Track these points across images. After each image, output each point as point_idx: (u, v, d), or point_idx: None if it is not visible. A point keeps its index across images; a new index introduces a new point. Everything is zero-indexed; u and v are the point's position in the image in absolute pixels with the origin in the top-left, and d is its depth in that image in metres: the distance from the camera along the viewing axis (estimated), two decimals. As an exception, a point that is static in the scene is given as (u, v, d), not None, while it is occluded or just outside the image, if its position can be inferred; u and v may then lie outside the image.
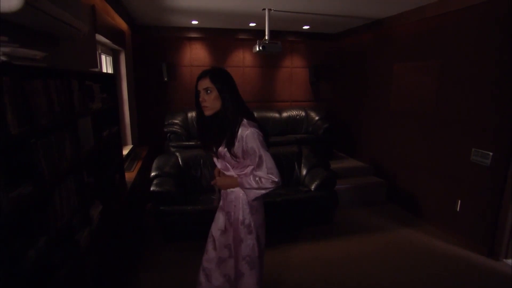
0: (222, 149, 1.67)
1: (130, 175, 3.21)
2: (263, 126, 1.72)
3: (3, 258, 0.99)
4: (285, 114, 5.59)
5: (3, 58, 0.91)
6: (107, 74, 2.93)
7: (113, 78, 2.78)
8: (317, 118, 5.50)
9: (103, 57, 3.57)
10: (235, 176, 1.74)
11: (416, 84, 3.90)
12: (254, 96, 5.80)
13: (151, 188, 3.17)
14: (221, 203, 1.89)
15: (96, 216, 2.06)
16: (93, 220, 1.98)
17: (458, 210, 3.34)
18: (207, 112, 1.62)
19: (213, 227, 1.91)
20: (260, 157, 1.59)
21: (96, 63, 2.95)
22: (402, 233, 3.52)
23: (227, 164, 1.75)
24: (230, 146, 1.62)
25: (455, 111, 3.35)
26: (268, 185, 1.63)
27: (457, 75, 3.32)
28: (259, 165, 1.61)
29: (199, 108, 1.67)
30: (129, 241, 2.98)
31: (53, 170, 1.34)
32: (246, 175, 1.69)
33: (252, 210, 1.78)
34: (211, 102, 1.59)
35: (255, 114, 5.64)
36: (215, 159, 1.81)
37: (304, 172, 3.88)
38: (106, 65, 3.80)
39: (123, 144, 3.82)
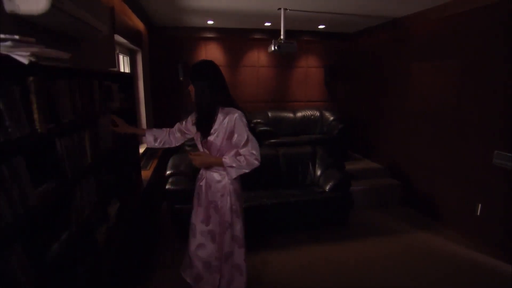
0: (211, 138, 1.85)
1: (146, 174, 3.26)
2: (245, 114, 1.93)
3: (30, 250, 1.03)
4: (299, 114, 5.56)
5: (32, 59, 0.94)
6: (125, 74, 2.99)
7: (131, 78, 2.84)
8: (332, 118, 5.45)
9: (120, 57, 3.65)
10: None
11: (435, 84, 3.81)
12: (269, 96, 5.79)
13: (167, 187, 3.22)
14: (197, 199, 2.05)
15: (114, 213, 2.11)
16: (110, 217, 2.03)
17: (478, 214, 3.24)
18: (192, 99, 1.87)
19: (197, 217, 2.04)
20: (248, 137, 1.81)
21: (115, 63, 3.01)
22: (419, 236, 3.44)
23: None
24: (206, 133, 1.84)
25: (476, 112, 3.25)
26: (252, 161, 1.82)
27: (479, 75, 3.22)
28: (245, 144, 1.82)
29: None
30: (145, 238, 3.03)
31: (75, 167, 1.38)
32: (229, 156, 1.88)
33: (238, 197, 1.98)
34: (192, 93, 1.86)
35: (269, 114, 5.60)
36: (199, 145, 1.98)
37: (318, 172, 3.85)
38: (124, 65, 3.87)
39: (139, 142, 3.89)
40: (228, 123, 1.80)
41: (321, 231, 3.49)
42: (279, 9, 3.93)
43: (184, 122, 2.09)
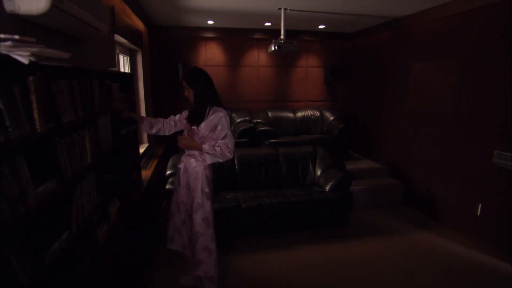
0: (196, 128, 2.23)
1: (146, 173, 3.26)
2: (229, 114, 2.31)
3: (30, 250, 1.03)
4: (299, 114, 5.56)
5: (32, 59, 0.94)
6: (125, 73, 2.99)
7: (131, 78, 2.84)
8: (332, 118, 5.45)
9: (120, 57, 3.65)
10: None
11: (435, 84, 3.81)
12: (269, 96, 5.79)
13: (167, 186, 3.22)
14: (178, 180, 2.37)
15: (114, 212, 2.11)
16: (111, 216, 2.03)
17: (478, 214, 3.24)
18: (190, 101, 2.28)
19: (179, 196, 2.35)
20: (226, 132, 2.21)
21: (115, 63, 3.01)
22: (419, 236, 3.44)
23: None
24: (198, 123, 2.21)
25: (477, 112, 3.25)
26: (226, 153, 2.20)
27: (479, 75, 3.22)
28: (224, 138, 2.21)
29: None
30: (145, 238, 3.03)
31: (75, 167, 1.38)
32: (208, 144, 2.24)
33: (209, 183, 2.29)
34: (188, 94, 2.28)
35: (270, 114, 5.65)
36: (186, 132, 2.36)
37: (319, 172, 3.85)
38: (124, 65, 3.87)
39: (139, 142, 3.89)
40: (214, 119, 2.20)
41: (321, 230, 3.50)
42: (279, 9, 3.93)
43: (178, 116, 2.54)
